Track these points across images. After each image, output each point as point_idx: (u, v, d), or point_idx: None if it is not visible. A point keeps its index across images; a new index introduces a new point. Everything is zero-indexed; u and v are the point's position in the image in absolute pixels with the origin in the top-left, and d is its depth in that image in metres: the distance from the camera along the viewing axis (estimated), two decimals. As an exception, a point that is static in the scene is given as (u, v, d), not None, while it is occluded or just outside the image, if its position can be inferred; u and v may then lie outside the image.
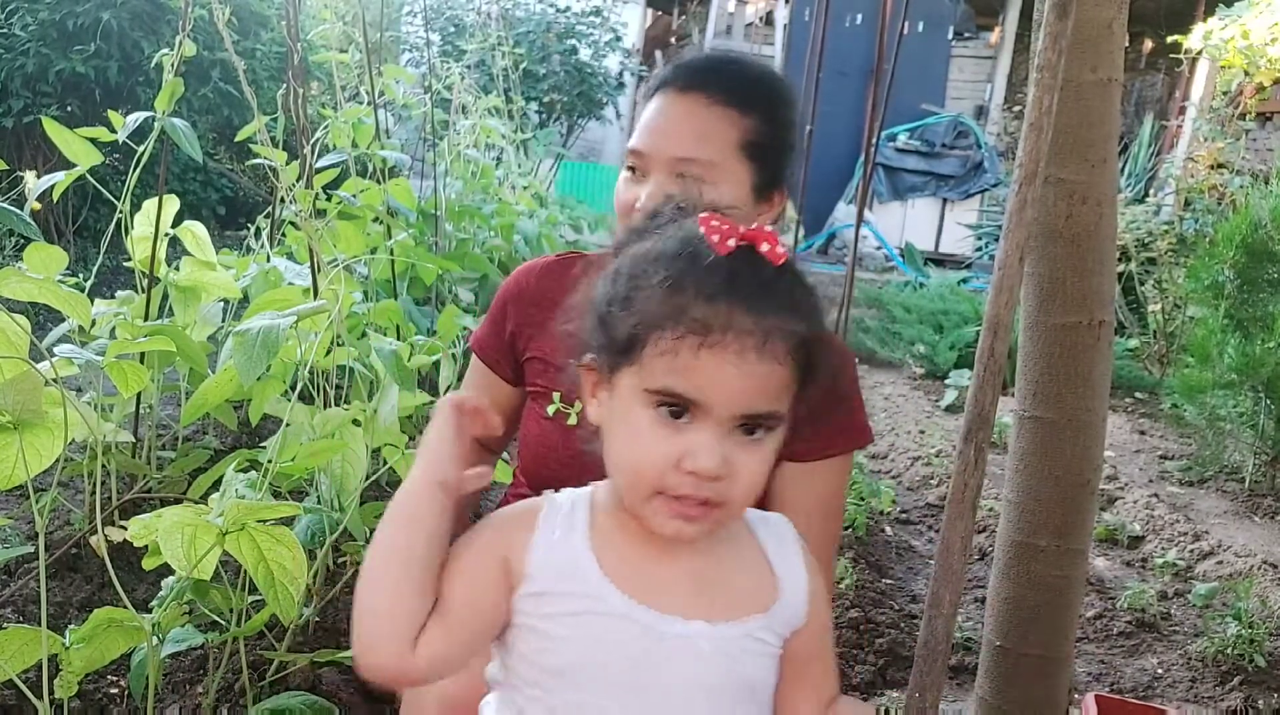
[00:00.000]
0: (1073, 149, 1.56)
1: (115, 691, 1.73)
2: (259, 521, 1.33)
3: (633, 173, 1.25)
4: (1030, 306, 1.66)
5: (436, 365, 2.35)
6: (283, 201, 2.25)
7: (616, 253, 0.85)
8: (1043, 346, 1.64)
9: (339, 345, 1.82)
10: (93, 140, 2.05)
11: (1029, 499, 1.67)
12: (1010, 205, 1.34)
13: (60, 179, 2.02)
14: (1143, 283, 5.41)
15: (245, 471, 1.56)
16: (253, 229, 3.04)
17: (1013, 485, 1.71)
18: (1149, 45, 11.06)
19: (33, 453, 1.29)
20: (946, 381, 5.02)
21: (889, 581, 2.78)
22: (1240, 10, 5.61)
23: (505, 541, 0.83)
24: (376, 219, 2.95)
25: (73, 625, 1.41)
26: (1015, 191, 1.33)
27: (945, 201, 9.98)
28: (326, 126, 2.99)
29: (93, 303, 2.02)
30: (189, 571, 1.28)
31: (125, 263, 2.29)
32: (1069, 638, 1.73)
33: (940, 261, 9.38)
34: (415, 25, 8.01)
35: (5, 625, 1.55)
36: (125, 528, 1.34)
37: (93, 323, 2.04)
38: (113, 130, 2.10)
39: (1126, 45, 1.63)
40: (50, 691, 1.35)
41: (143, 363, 1.92)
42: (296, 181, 2.09)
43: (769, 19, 11.78)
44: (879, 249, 9.38)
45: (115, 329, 2.08)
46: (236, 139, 2.83)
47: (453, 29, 8.28)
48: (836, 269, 8.63)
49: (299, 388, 1.78)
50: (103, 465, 1.97)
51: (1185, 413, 4.05)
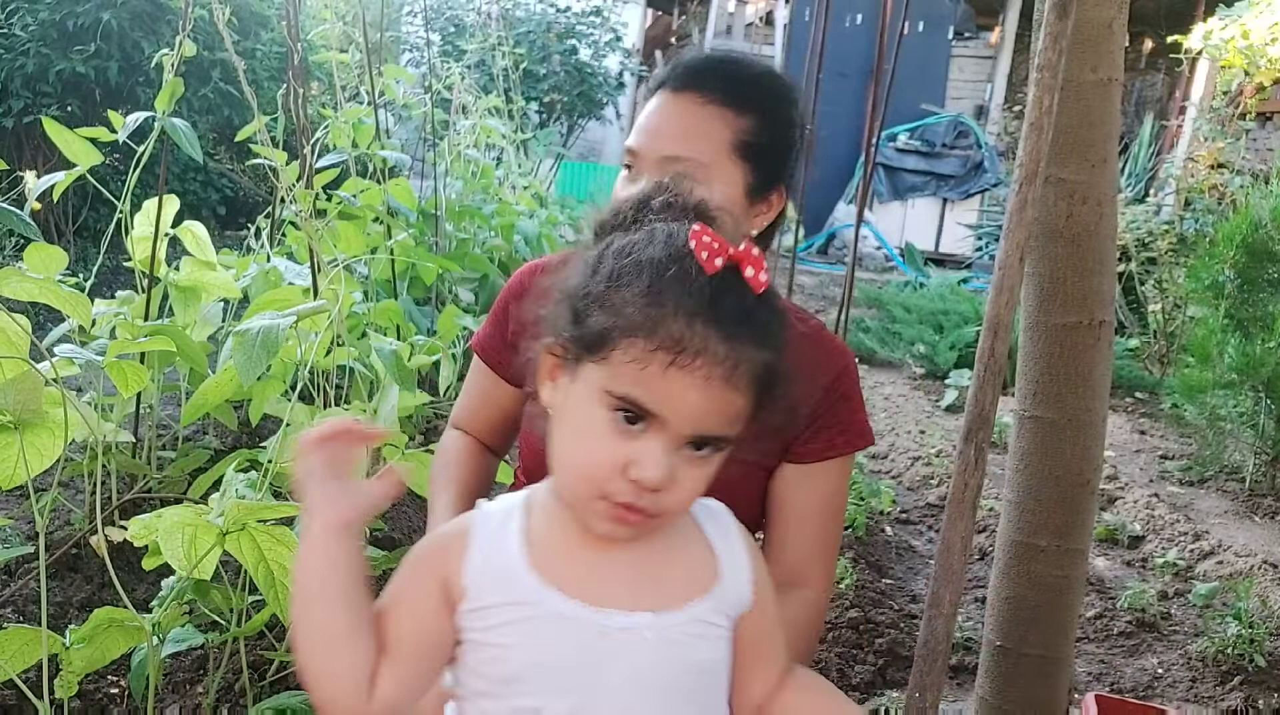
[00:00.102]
0: (1073, 149, 1.56)
1: (115, 691, 1.73)
2: (259, 521, 1.33)
3: (629, 172, 1.26)
4: (1030, 306, 1.66)
5: (436, 365, 2.35)
6: (283, 201, 2.25)
7: (596, 234, 0.84)
8: (1043, 346, 1.64)
9: (339, 345, 1.83)
10: (93, 140, 2.05)
11: (1029, 499, 1.68)
12: (1010, 205, 1.34)
13: (60, 179, 2.02)
14: (1143, 283, 5.41)
15: (245, 471, 1.56)
16: (253, 229, 3.05)
17: (1013, 485, 1.71)
18: (1149, 45, 11.07)
19: (33, 453, 1.30)
20: (946, 381, 5.02)
21: (889, 581, 2.78)
22: (1240, 10, 5.61)
23: (441, 563, 0.83)
24: (376, 219, 2.95)
25: (73, 625, 1.42)
26: (1015, 191, 1.33)
27: (945, 201, 9.99)
28: (327, 126, 2.99)
29: (93, 303, 2.02)
30: (189, 571, 1.28)
31: (125, 263, 2.29)
32: (1069, 638, 1.73)
33: (940, 261, 9.39)
34: (415, 25, 8.02)
35: (5, 625, 1.55)
36: (125, 528, 1.34)
37: (93, 323, 2.04)
38: (113, 130, 2.11)
39: (1126, 45, 1.63)
40: (50, 691, 1.35)
41: (143, 363, 1.92)
42: (296, 181, 2.09)
43: (769, 19, 11.79)
44: (879, 249, 9.39)
45: (115, 329, 2.08)
46: (237, 139, 2.84)
47: (453, 29, 8.29)
48: (836, 269, 8.64)
49: (299, 388, 1.78)
50: (103, 465, 1.97)
51: (1185, 413, 4.05)
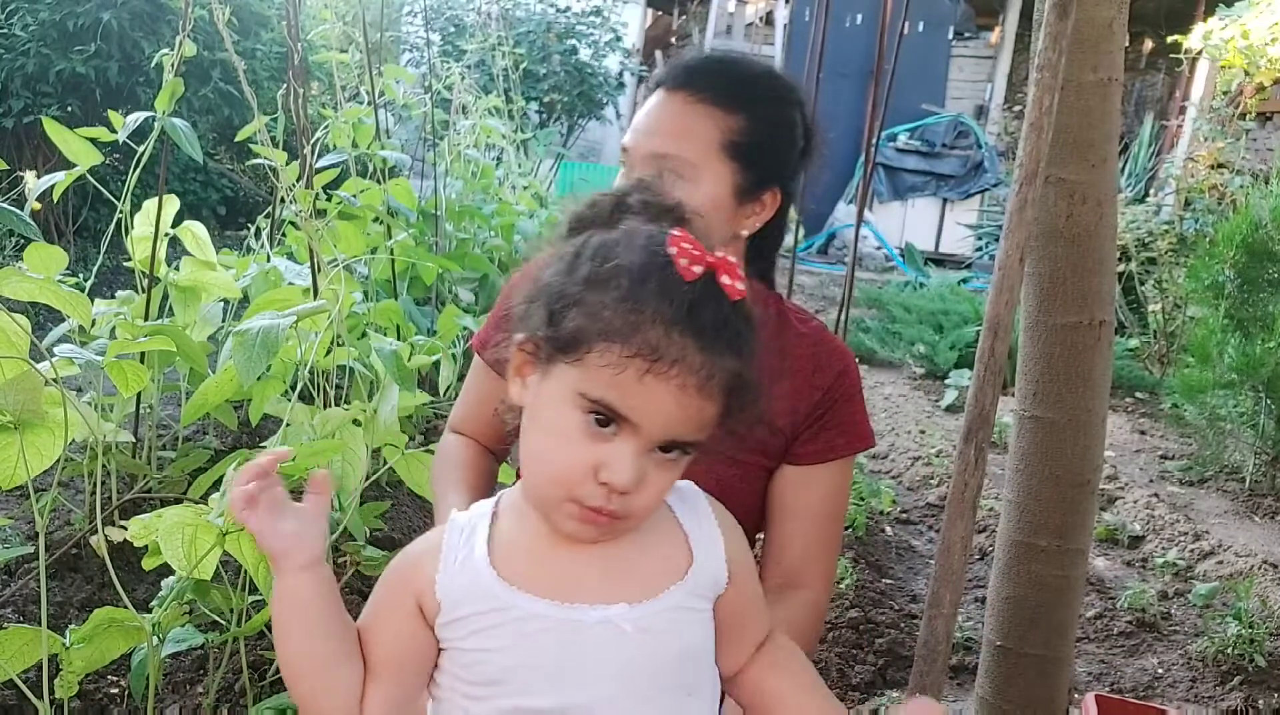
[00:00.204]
0: (1073, 149, 1.56)
1: (115, 691, 1.73)
2: (259, 521, 1.33)
3: (625, 169, 1.26)
4: (1030, 306, 1.66)
5: (436, 365, 2.35)
6: (283, 201, 2.25)
7: (572, 229, 0.84)
8: (1043, 346, 1.64)
9: (339, 345, 1.82)
10: (93, 140, 2.05)
11: (1029, 499, 1.68)
12: (1010, 205, 1.34)
13: (60, 179, 2.02)
14: (1143, 283, 5.41)
15: (245, 471, 1.56)
16: (253, 229, 3.04)
17: (1013, 485, 1.71)
18: (1149, 45, 11.07)
19: (33, 453, 1.29)
20: (946, 381, 5.02)
21: (889, 581, 2.78)
22: (1240, 10, 5.61)
23: (413, 581, 0.84)
24: (376, 219, 2.95)
25: (73, 625, 1.42)
26: (1015, 191, 1.33)
27: (945, 201, 9.99)
28: (327, 126, 2.99)
29: (93, 303, 2.01)
30: (189, 571, 1.28)
31: (125, 263, 2.29)
32: (1069, 637, 1.73)
33: (940, 261, 9.39)
34: (415, 25, 8.02)
35: (5, 625, 1.55)
36: (125, 528, 1.34)
37: (93, 323, 2.04)
38: (113, 130, 2.10)
39: (1126, 45, 1.63)
40: (50, 691, 1.35)
41: (143, 363, 1.92)
42: (296, 181, 2.09)
43: (769, 19, 11.79)
44: (879, 249, 9.38)
45: (115, 329, 2.08)
46: (237, 139, 2.84)
47: (453, 29, 8.29)
48: (836, 269, 8.64)
49: (299, 388, 1.78)
50: (103, 465, 1.97)
51: (1185, 413, 4.05)
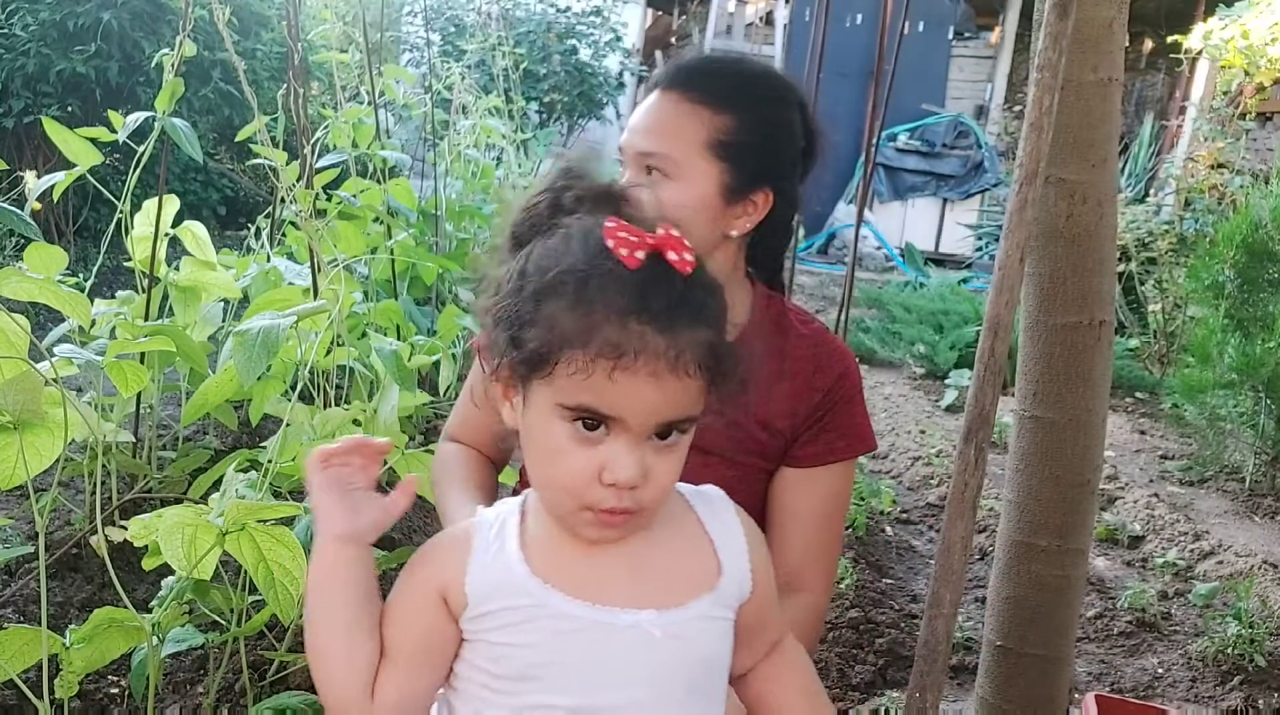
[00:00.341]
0: (1073, 149, 1.56)
1: (115, 691, 1.73)
2: (259, 521, 1.33)
3: (622, 168, 1.27)
4: (1030, 306, 1.66)
5: (436, 365, 2.35)
6: (283, 201, 2.25)
7: (514, 242, 0.82)
8: (1043, 346, 1.64)
9: (339, 345, 1.83)
10: (93, 140, 2.05)
11: (1029, 499, 1.68)
12: (1010, 205, 1.34)
13: (60, 179, 2.02)
14: (1143, 283, 5.41)
15: (245, 471, 1.56)
16: (253, 229, 3.04)
17: (1013, 485, 1.71)
18: (1149, 45, 11.06)
19: (33, 453, 1.30)
20: (946, 381, 5.02)
21: (889, 581, 2.78)
22: (1240, 10, 5.61)
23: (440, 575, 0.83)
24: (377, 219, 2.95)
25: (73, 625, 1.42)
26: (1015, 191, 1.33)
27: (945, 201, 9.98)
28: (327, 126, 2.99)
29: (93, 303, 2.02)
30: (189, 571, 1.28)
31: (125, 263, 2.29)
32: (1069, 637, 1.73)
33: (940, 261, 9.38)
34: (415, 25, 8.01)
35: (5, 625, 1.55)
36: (125, 528, 1.34)
37: (93, 323, 2.04)
38: (113, 130, 2.10)
39: (1126, 45, 1.63)
40: (50, 691, 1.35)
41: (143, 363, 1.92)
42: (297, 181, 2.09)
43: (769, 19, 11.78)
44: (879, 249, 9.38)
45: (115, 329, 2.08)
46: (237, 139, 2.84)
47: (453, 29, 8.29)
48: (836, 269, 8.63)
49: (299, 388, 1.78)
50: (103, 465, 1.97)
51: (1185, 413, 4.05)
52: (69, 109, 4.92)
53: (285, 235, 2.96)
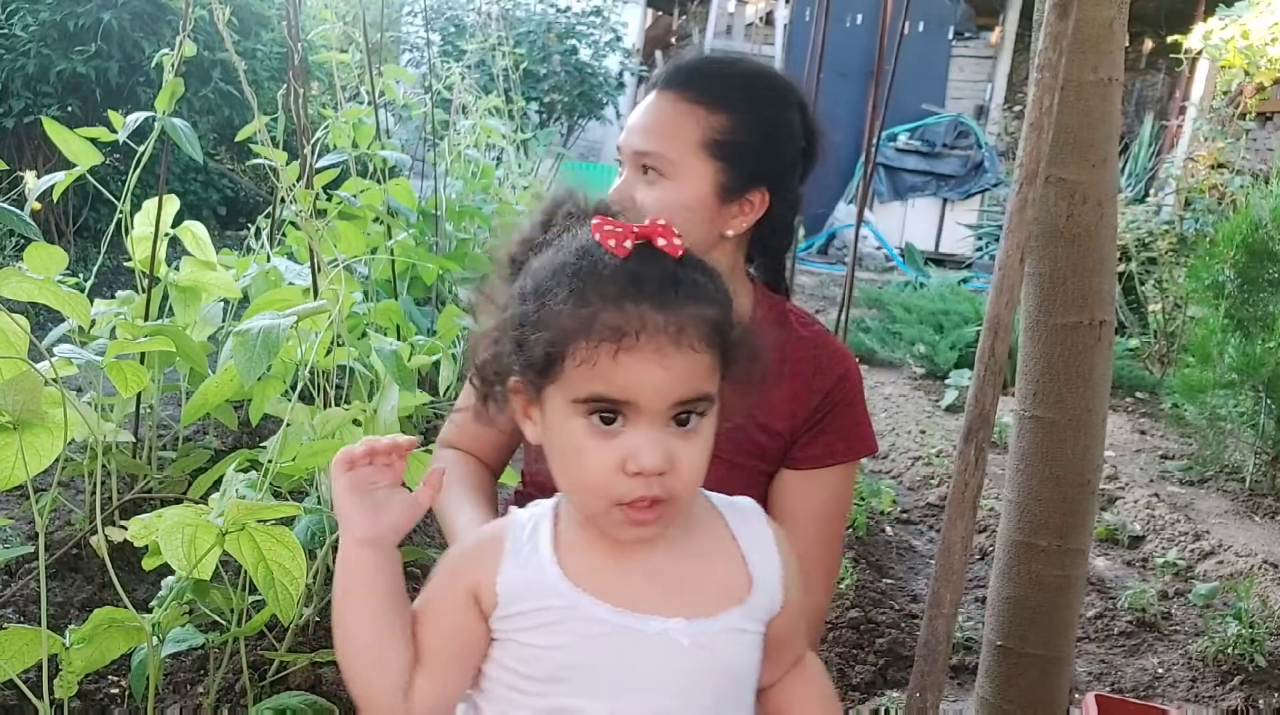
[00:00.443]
0: (1073, 149, 1.56)
1: (115, 691, 1.73)
2: (259, 521, 1.33)
3: (621, 168, 1.27)
4: (1030, 306, 1.66)
5: (436, 365, 2.35)
6: (283, 201, 2.25)
7: (512, 266, 0.85)
8: (1043, 346, 1.64)
9: (339, 345, 1.82)
10: (93, 140, 2.05)
11: (1029, 499, 1.68)
12: (1011, 205, 1.34)
13: (60, 179, 2.02)
14: (1143, 283, 5.41)
15: (245, 471, 1.56)
16: (253, 229, 3.04)
17: (1013, 485, 1.71)
18: (1149, 45, 11.06)
19: (33, 453, 1.29)
20: (946, 381, 5.02)
21: (889, 581, 2.78)
22: (1240, 10, 5.61)
23: (471, 575, 0.84)
24: (377, 219, 2.95)
25: (73, 625, 1.42)
26: (1016, 191, 1.33)
27: (945, 201, 9.98)
28: (327, 126, 2.99)
29: (93, 303, 2.02)
30: (189, 571, 1.28)
31: (125, 263, 2.29)
32: (1069, 637, 1.73)
33: (940, 261, 9.39)
34: (415, 25, 8.02)
35: (5, 625, 1.55)
36: (125, 528, 1.34)
37: (93, 323, 2.04)
38: (113, 130, 2.11)
39: (1126, 45, 1.63)
40: (50, 691, 1.35)
41: (143, 363, 1.92)
42: (297, 181, 2.09)
43: (769, 19, 11.78)
44: (879, 249, 9.38)
45: (115, 329, 2.08)
46: (237, 139, 2.84)
47: (453, 29, 8.29)
48: (836, 269, 8.64)
49: (299, 388, 1.78)
50: (103, 465, 1.97)
51: (1185, 412, 4.05)
52: (69, 109, 4.92)
53: (285, 235, 2.96)
